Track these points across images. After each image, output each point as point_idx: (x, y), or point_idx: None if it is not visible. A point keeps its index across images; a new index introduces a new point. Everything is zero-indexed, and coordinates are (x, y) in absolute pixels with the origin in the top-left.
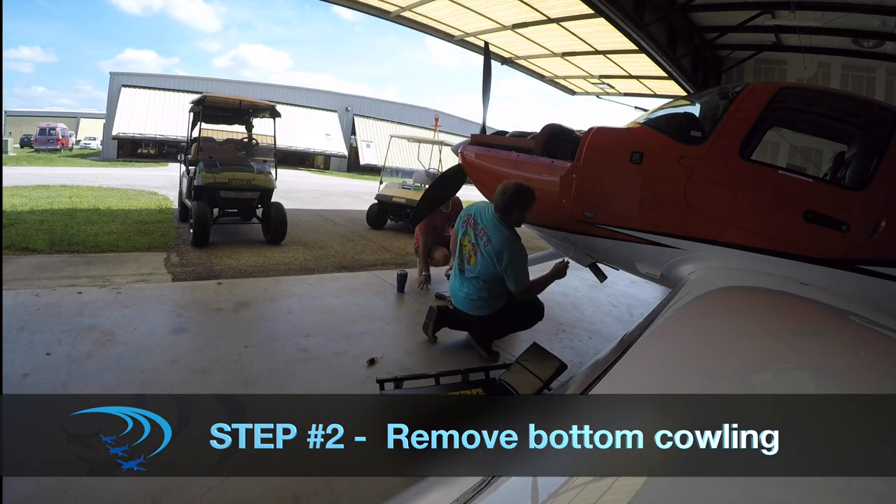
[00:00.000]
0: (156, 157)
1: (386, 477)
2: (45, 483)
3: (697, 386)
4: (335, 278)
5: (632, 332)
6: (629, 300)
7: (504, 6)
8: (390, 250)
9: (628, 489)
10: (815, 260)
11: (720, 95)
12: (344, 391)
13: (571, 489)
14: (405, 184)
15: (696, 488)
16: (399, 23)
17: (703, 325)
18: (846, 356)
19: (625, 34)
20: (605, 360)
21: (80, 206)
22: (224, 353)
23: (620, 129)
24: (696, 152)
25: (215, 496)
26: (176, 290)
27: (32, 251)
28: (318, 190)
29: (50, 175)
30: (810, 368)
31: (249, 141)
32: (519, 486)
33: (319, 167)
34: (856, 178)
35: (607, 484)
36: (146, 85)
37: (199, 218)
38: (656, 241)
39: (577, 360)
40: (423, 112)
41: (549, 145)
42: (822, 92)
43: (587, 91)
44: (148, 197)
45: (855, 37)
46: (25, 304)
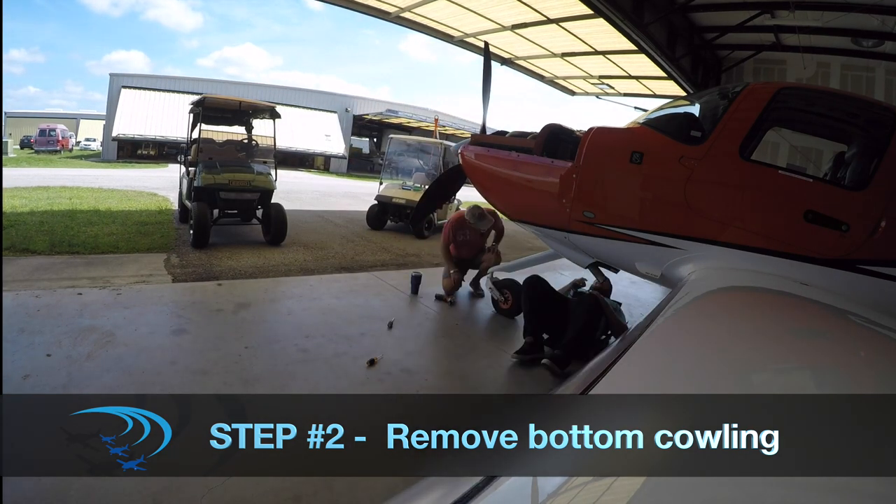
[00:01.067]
0: (156, 159)
1: (386, 477)
2: (45, 483)
3: (697, 386)
4: (335, 279)
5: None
6: (629, 300)
7: (504, 7)
8: (390, 251)
9: (628, 489)
10: (815, 260)
11: (720, 95)
12: (344, 392)
13: (571, 489)
14: (405, 184)
15: (697, 488)
16: (399, 23)
17: (703, 325)
18: (846, 356)
19: (624, 34)
20: (605, 360)
21: (81, 208)
22: (224, 354)
23: (620, 130)
24: (696, 152)
25: (215, 496)
26: (176, 291)
27: (33, 252)
28: (317, 191)
29: (50, 176)
30: (810, 368)
31: (249, 142)
32: (519, 486)
33: (319, 168)
34: (856, 178)
35: (607, 484)
36: (146, 86)
37: (199, 219)
38: (656, 241)
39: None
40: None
41: (549, 145)
42: (822, 92)
43: (587, 91)
44: (148, 198)
45: (854, 36)
46: (25, 306)
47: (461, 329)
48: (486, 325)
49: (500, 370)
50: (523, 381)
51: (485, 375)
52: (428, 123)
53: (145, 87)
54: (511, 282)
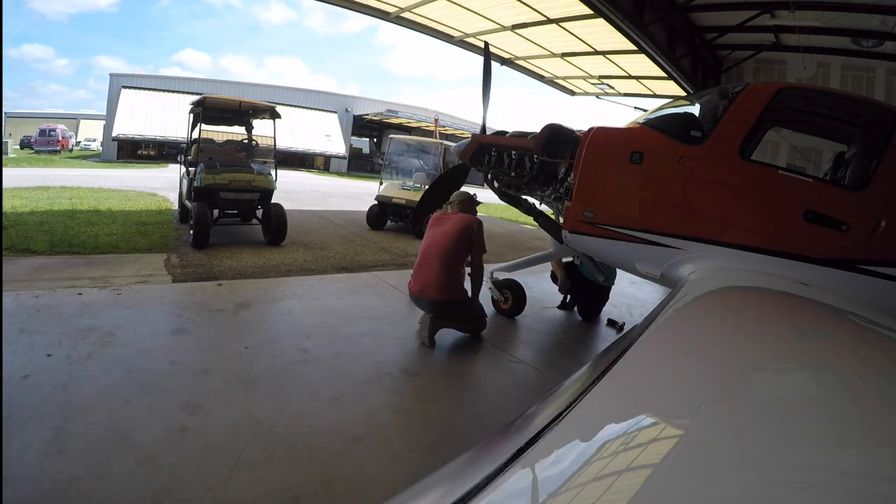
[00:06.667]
0: (156, 159)
1: (385, 477)
2: (46, 483)
3: (697, 386)
4: (335, 279)
5: (632, 332)
6: (629, 300)
7: (503, 7)
8: (390, 251)
9: (629, 489)
10: (815, 260)
11: (720, 95)
12: (343, 392)
13: (571, 489)
14: (405, 184)
15: (697, 488)
16: (398, 23)
17: (704, 325)
18: (846, 356)
19: (624, 35)
20: (604, 360)
21: (81, 208)
22: (224, 354)
23: (620, 129)
24: (696, 152)
25: (216, 496)
26: (176, 291)
27: (33, 252)
28: (317, 191)
29: (50, 176)
30: (810, 368)
31: (249, 142)
32: (519, 486)
33: (319, 168)
34: (856, 178)
35: (607, 484)
36: (146, 86)
37: (200, 219)
38: (656, 241)
39: (576, 360)
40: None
41: (549, 145)
42: (823, 92)
43: (587, 91)
44: (148, 198)
45: (854, 36)
46: (26, 306)
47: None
48: (487, 326)
49: (500, 370)
50: (523, 381)
51: (485, 375)
52: (428, 123)
53: (145, 87)
54: (511, 282)
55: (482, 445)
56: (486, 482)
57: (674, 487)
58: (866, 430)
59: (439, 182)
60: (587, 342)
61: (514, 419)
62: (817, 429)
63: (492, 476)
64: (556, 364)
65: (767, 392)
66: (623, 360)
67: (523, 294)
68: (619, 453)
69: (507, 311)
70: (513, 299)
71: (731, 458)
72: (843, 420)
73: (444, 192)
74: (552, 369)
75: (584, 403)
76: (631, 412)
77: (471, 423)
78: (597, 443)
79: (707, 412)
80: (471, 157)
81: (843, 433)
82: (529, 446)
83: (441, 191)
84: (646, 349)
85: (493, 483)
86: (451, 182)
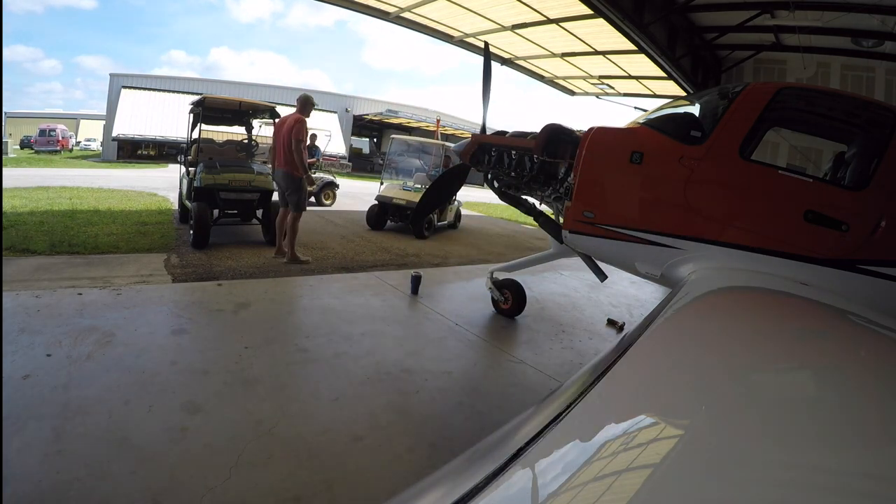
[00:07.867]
0: (156, 159)
1: (385, 477)
2: (46, 483)
3: (697, 386)
4: (335, 279)
5: (632, 332)
6: (629, 300)
7: (503, 7)
8: (390, 251)
9: (629, 489)
10: (815, 260)
11: (720, 95)
12: (343, 392)
13: (571, 489)
14: (405, 185)
15: (697, 488)
16: (398, 23)
17: (704, 325)
18: (846, 356)
19: (624, 35)
20: (604, 360)
21: (81, 208)
22: (224, 354)
23: (620, 129)
24: (696, 152)
25: (216, 496)
26: (176, 291)
27: (33, 252)
28: None
29: (50, 176)
30: (810, 369)
31: (249, 142)
32: (519, 486)
33: None
34: (856, 178)
35: (607, 484)
36: (146, 86)
37: (200, 219)
38: (656, 241)
39: (576, 360)
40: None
41: (549, 145)
42: (823, 92)
43: (587, 91)
44: (148, 198)
45: (854, 36)
46: (26, 306)
47: (461, 329)
48: (487, 325)
49: (499, 370)
50: (523, 381)
51: (485, 375)
52: (428, 123)
53: (145, 87)
54: (511, 282)
55: (482, 445)
56: (486, 482)
57: (674, 487)
58: (867, 431)
59: (439, 182)
60: (587, 342)
61: (514, 419)
62: (817, 429)
63: (492, 476)
64: (556, 364)
65: (768, 392)
66: (623, 360)
67: (523, 294)
68: (620, 453)
69: (507, 311)
70: (513, 299)
71: (732, 458)
72: (844, 420)
73: (443, 192)
74: (552, 369)
75: (584, 403)
76: (631, 412)
77: (471, 423)
78: (597, 443)
79: (707, 412)
80: (471, 157)
81: (844, 433)
82: (529, 446)
83: (441, 191)
84: (646, 349)
85: (493, 483)
86: (451, 182)
